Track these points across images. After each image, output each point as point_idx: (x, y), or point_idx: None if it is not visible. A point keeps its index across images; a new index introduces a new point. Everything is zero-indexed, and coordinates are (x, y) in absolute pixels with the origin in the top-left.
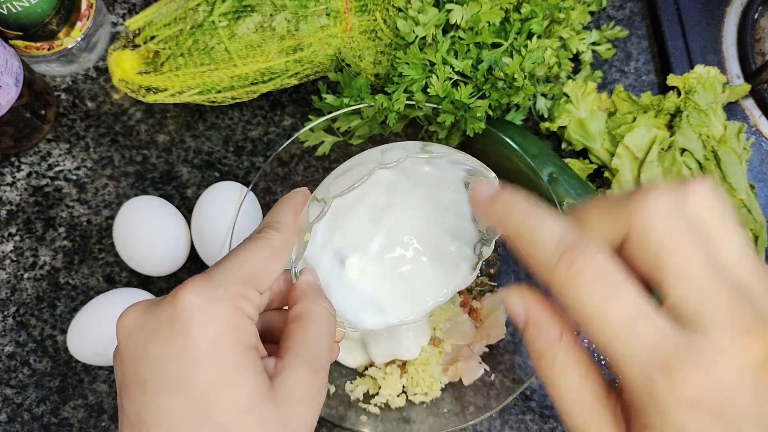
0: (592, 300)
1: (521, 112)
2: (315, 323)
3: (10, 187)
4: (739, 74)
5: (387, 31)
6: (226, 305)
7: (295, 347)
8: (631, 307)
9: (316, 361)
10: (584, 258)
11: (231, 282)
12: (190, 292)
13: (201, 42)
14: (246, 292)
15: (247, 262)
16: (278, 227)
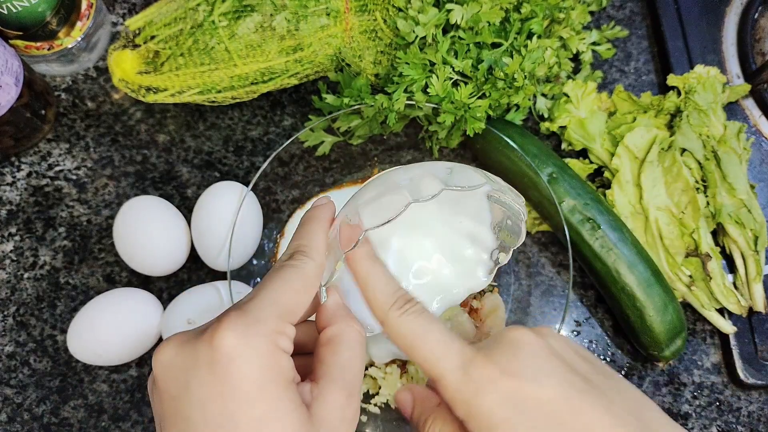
0: (416, 332)
1: (521, 112)
2: (348, 347)
3: (10, 186)
4: (739, 74)
5: (387, 31)
6: (264, 343)
7: (330, 372)
8: (443, 333)
9: (351, 385)
10: (409, 303)
11: (267, 318)
12: (229, 332)
13: (201, 42)
14: (282, 327)
15: (281, 296)
16: (309, 252)
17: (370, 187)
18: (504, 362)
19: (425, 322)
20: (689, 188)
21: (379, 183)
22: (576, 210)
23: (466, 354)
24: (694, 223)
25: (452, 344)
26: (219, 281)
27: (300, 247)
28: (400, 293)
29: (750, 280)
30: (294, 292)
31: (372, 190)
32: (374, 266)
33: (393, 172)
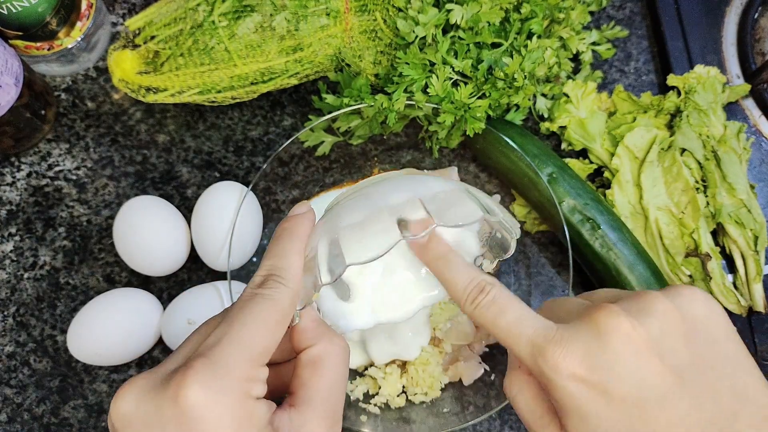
0: (489, 319)
1: (521, 112)
2: (332, 368)
3: (10, 187)
4: (739, 74)
5: (387, 31)
6: (235, 398)
7: (312, 398)
8: (515, 316)
9: (335, 412)
10: (482, 294)
11: (237, 367)
12: (196, 388)
13: (201, 42)
14: (254, 373)
15: (253, 337)
16: (284, 277)
17: (353, 206)
18: (581, 352)
19: (497, 309)
20: (689, 188)
21: (363, 201)
22: (576, 210)
23: (540, 337)
24: (694, 223)
25: (525, 328)
26: (219, 281)
27: (274, 269)
28: (472, 285)
29: (750, 280)
30: (267, 330)
31: (355, 211)
32: (445, 262)
33: (378, 186)
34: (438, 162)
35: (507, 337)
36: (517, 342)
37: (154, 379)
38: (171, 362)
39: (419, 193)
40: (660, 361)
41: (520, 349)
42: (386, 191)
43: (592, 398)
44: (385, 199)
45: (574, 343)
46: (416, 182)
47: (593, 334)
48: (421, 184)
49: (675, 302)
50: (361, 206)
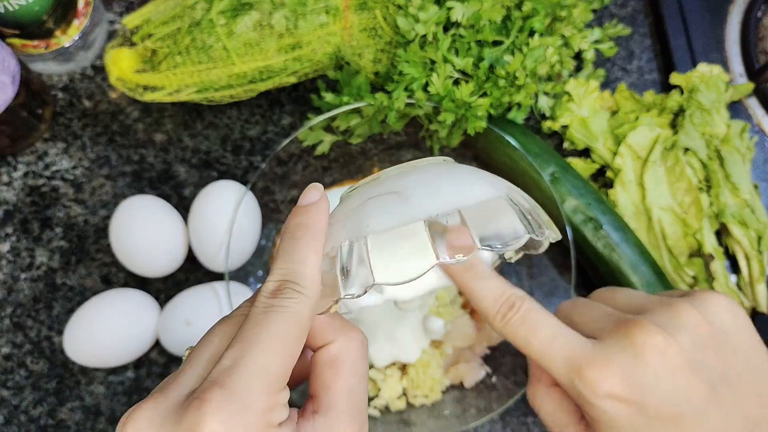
0: (521, 337)
1: (523, 111)
2: (354, 368)
3: (7, 186)
4: (742, 73)
5: (387, 29)
6: (256, 429)
7: (337, 403)
8: (548, 334)
9: (361, 411)
10: (512, 310)
11: (258, 398)
12: (216, 425)
13: (199, 40)
14: (275, 401)
15: (273, 361)
16: (302, 286)
17: (383, 206)
18: (620, 372)
19: (529, 327)
20: (692, 188)
21: (395, 203)
22: (578, 210)
23: (576, 357)
24: (698, 223)
25: (560, 347)
26: (217, 282)
27: (289, 274)
28: (502, 300)
29: (753, 280)
30: (286, 349)
31: (385, 214)
32: (472, 273)
33: (412, 181)
34: None
35: (541, 357)
36: (551, 361)
37: (166, 407)
38: (183, 382)
39: (460, 202)
40: (694, 375)
41: (556, 369)
42: (423, 194)
43: (630, 416)
44: (422, 207)
45: (612, 363)
46: (457, 185)
47: (630, 353)
48: (462, 189)
49: (703, 312)
50: (392, 209)
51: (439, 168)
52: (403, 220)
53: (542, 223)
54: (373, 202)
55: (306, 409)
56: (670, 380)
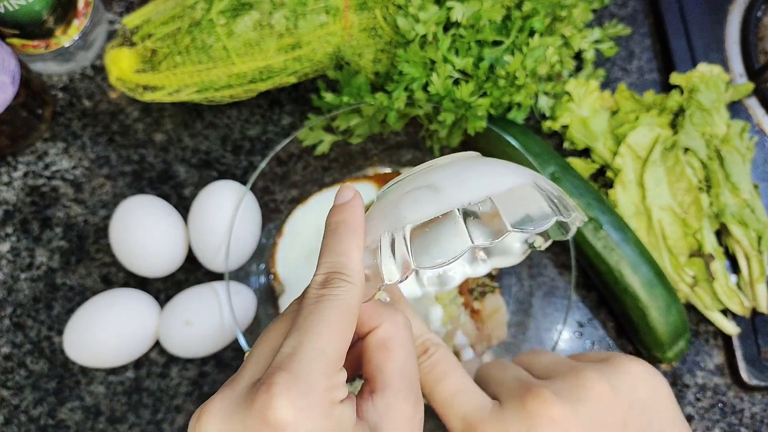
0: (426, 385)
1: (523, 111)
2: (403, 347)
3: (7, 186)
4: (742, 73)
5: (387, 29)
6: (322, 409)
7: (392, 382)
8: (452, 388)
9: (416, 389)
10: (424, 355)
11: (320, 379)
12: (285, 405)
13: (199, 40)
14: (335, 381)
15: (329, 344)
16: (349, 275)
17: (418, 198)
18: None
19: (435, 377)
20: (692, 188)
21: (429, 194)
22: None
23: (472, 416)
24: (698, 223)
25: (461, 403)
26: (217, 282)
27: (337, 266)
28: (416, 343)
29: (753, 280)
30: (341, 334)
31: (420, 205)
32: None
33: (445, 174)
34: None
35: (442, 408)
36: (450, 415)
37: (236, 396)
38: (248, 374)
39: (491, 190)
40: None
41: (452, 423)
42: (454, 185)
43: None
44: (455, 197)
45: (505, 429)
46: (486, 176)
47: (525, 423)
48: (491, 179)
49: (613, 383)
50: (427, 200)
51: (468, 162)
52: (438, 210)
53: (569, 207)
54: (408, 196)
55: (364, 391)
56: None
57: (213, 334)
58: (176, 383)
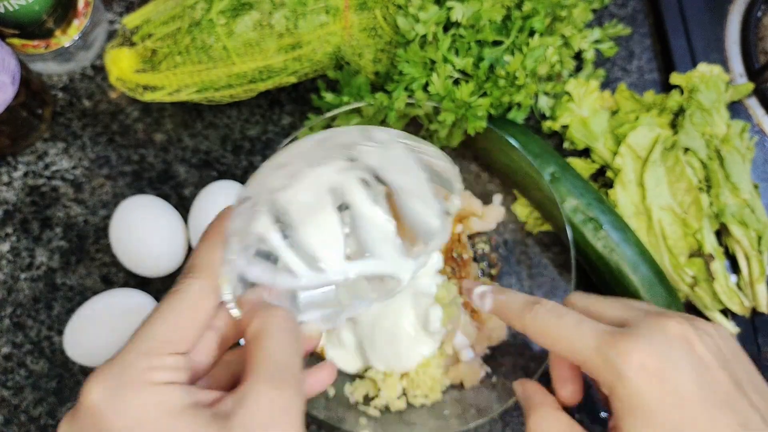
0: (548, 327)
1: (523, 111)
2: (271, 336)
3: (7, 186)
4: (742, 73)
5: (387, 29)
6: (134, 388)
7: (255, 367)
8: (573, 319)
9: (281, 373)
10: (538, 305)
11: (135, 360)
12: (94, 388)
13: (199, 40)
14: (156, 363)
15: (155, 329)
16: (196, 272)
17: (298, 186)
18: (652, 349)
19: (556, 314)
20: (692, 188)
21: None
22: (578, 210)
23: (608, 333)
24: (698, 223)
25: (588, 327)
26: None
27: (188, 268)
28: (528, 301)
29: (753, 280)
30: (173, 320)
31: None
32: (501, 293)
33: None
34: None
35: (571, 335)
36: (582, 337)
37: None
38: None
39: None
40: (724, 371)
41: (586, 344)
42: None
43: (661, 395)
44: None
45: (645, 341)
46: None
47: (663, 338)
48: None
49: (719, 331)
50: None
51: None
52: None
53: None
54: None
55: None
56: (703, 370)
57: None
58: None
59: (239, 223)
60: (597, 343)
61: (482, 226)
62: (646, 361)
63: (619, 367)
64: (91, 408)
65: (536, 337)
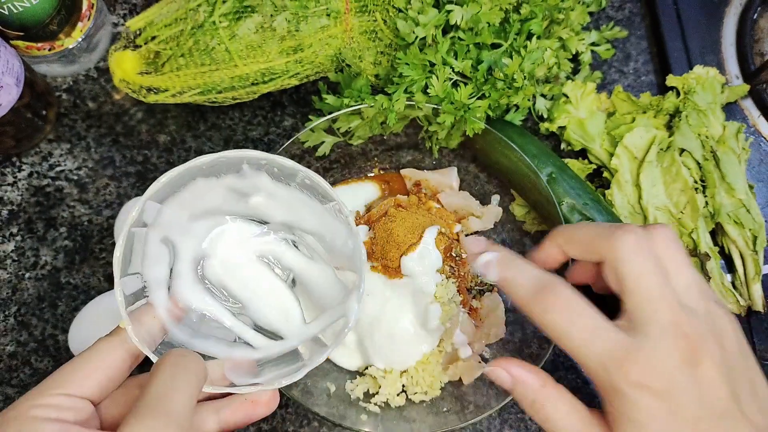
0: (560, 325)
1: (521, 113)
2: (161, 371)
3: (12, 187)
4: (738, 74)
5: (387, 32)
6: (14, 423)
7: (136, 407)
8: (589, 324)
9: (156, 406)
10: (552, 295)
11: (23, 399)
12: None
13: (202, 42)
14: (40, 401)
15: (52, 377)
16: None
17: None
18: (659, 368)
19: (568, 316)
20: (688, 188)
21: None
22: (575, 210)
23: (617, 350)
24: (693, 223)
25: (600, 339)
26: None
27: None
28: (540, 285)
29: (749, 279)
30: (66, 368)
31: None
32: (509, 267)
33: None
34: (438, 162)
35: (577, 350)
36: (588, 356)
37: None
38: None
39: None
40: (726, 386)
41: (590, 364)
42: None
43: (659, 413)
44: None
45: (652, 364)
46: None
47: (670, 359)
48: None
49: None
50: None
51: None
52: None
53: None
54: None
55: None
56: (705, 391)
57: None
58: None
59: (155, 271)
60: (604, 360)
61: (480, 226)
62: (651, 384)
63: (620, 385)
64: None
65: (541, 327)
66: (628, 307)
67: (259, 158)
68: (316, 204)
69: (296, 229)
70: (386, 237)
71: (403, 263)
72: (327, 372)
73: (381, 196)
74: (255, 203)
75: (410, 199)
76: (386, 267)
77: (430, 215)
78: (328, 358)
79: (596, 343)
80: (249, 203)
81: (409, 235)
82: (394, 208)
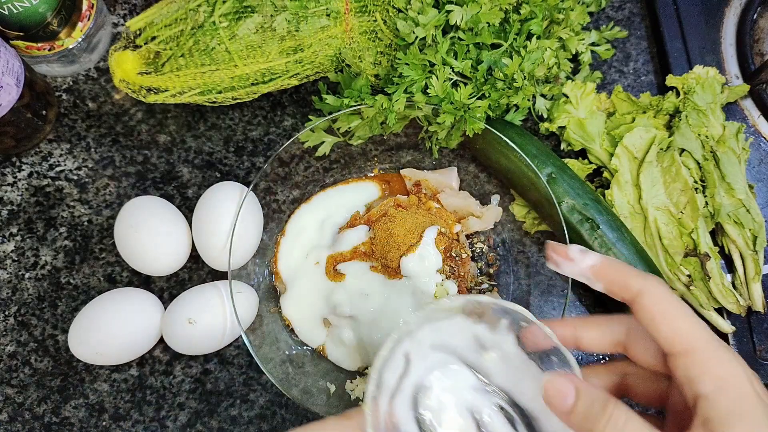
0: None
1: (520, 113)
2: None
3: (12, 187)
4: (737, 74)
5: (387, 32)
6: None
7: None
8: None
9: None
10: (605, 416)
11: None
12: None
13: (202, 42)
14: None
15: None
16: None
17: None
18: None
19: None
20: (688, 188)
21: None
22: (575, 210)
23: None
24: (693, 223)
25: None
26: (220, 281)
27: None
28: (596, 406)
29: (749, 279)
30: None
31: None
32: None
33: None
34: (438, 162)
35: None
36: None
37: None
38: None
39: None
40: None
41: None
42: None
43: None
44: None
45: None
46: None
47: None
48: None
49: None
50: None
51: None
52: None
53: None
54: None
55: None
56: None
57: (216, 332)
58: (179, 380)
59: (388, 377)
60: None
61: (480, 226)
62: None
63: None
64: None
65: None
66: (703, 407)
67: (532, 321)
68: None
69: (511, 395)
70: (386, 237)
71: (402, 264)
72: (327, 372)
73: (381, 196)
74: (488, 359)
75: (410, 199)
76: (386, 267)
77: (430, 215)
78: (328, 358)
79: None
80: (482, 356)
81: (409, 235)
82: (394, 208)
